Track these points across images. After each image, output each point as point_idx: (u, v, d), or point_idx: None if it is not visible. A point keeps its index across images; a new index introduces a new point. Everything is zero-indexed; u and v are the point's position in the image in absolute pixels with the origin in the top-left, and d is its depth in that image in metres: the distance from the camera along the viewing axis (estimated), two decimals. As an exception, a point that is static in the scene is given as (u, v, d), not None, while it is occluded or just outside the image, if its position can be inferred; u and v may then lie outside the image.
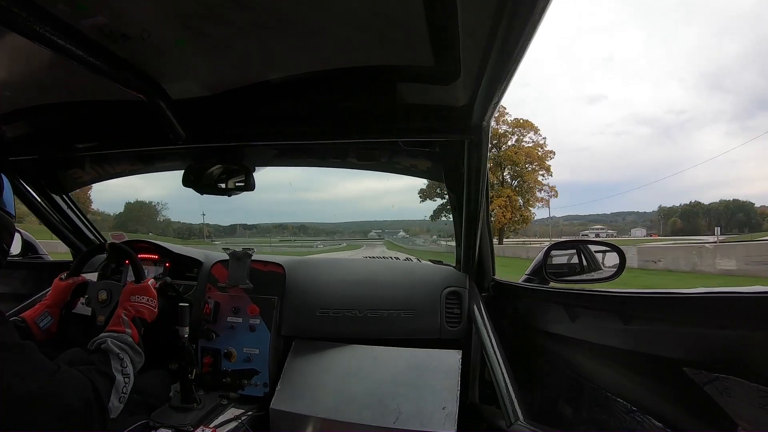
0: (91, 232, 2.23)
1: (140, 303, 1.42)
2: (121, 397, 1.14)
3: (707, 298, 0.95)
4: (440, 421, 1.45)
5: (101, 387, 1.08)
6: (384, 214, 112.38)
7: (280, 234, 34.56)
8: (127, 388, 1.17)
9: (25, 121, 1.45)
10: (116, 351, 1.19)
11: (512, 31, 0.71)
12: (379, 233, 27.97)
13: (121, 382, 1.15)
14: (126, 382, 1.17)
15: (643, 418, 1.14)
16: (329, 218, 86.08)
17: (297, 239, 31.87)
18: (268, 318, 1.81)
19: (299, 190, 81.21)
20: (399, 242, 31.51)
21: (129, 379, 1.18)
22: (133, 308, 1.39)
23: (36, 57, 1.03)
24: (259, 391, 1.73)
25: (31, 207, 1.97)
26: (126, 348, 1.23)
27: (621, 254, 1.80)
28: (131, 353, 1.23)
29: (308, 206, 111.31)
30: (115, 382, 1.13)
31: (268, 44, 0.96)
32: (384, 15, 0.82)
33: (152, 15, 0.84)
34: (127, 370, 1.18)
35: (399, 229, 35.44)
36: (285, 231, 42.22)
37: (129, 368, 1.19)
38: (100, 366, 1.14)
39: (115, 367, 1.16)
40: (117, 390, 1.13)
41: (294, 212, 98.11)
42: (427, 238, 46.08)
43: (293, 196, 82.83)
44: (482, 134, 1.19)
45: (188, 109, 1.24)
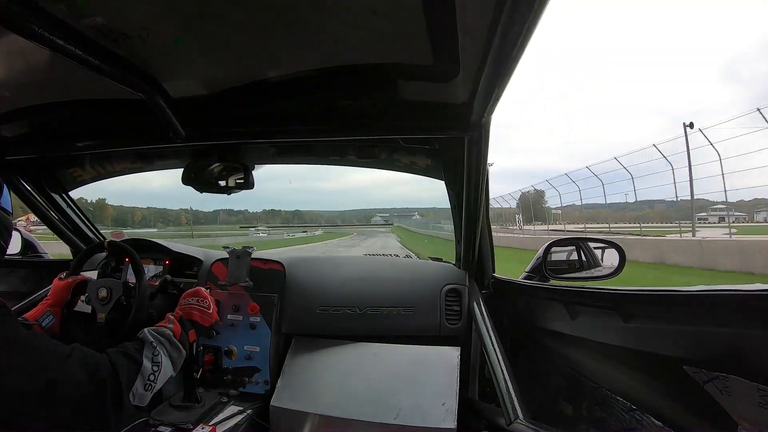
0: (90, 230, 2.23)
1: (189, 305, 1.44)
2: (147, 384, 1.13)
3: (707, 296, 0.94)
4: (440, 416, 1.45)
5: (123, 369, 1.07)
6: (392, 203, 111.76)
7: (271, 222, 33.97)
8: (156, 376, 1.15)
9: (24, 120, 1.44)
10: (150, 339, 1.20)
11: (511, 29, 0.70)
12: (386, 218, 27.09)
13: (149, 369, 1.14)
14: (155, 370, 1.16)
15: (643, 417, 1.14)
16: (336, 207, 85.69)
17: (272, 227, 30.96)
18: (268, 316, 1.81)
19: (309, 179, 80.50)
20: (415, 227, 30.37)
21: (159, 367, 1.17)
22: (182, 310, 1.42)
23: (35, 56, 1.03)
24: (259, 389, 1.73)
25: (31, 206, 1.97)
26: (162, 339, 1.23)
27: (621, 251, 1.80)
28: (167, 345, 1.24)
29: (317, 196, 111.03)
30: (142, 367, 1.13)
31: (267, 42, 0.95)
32: (383, 13, 0.82)
33: (151, 14, 0.84)
34: (158, 358, 1.18)
35: (413, 213, 34.53)
36: (277, 218, 41.87)
37: (161, 357, 1.19)
38: (131, 351, 1.15)
39: (145, 354, 1.16)
40: (143, 376, 1.12)
41: (300, 201, 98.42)
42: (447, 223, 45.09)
43: (302, 185, 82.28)
44: (482, 131, 1.18)
45: (188, 108, 1.24)
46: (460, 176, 1.44)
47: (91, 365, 1.02)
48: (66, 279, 1.59)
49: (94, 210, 18.33)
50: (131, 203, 42.84)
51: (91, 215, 2.24)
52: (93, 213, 2.15)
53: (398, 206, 72.15)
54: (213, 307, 1.49)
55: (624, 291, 1.20)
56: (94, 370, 1.01)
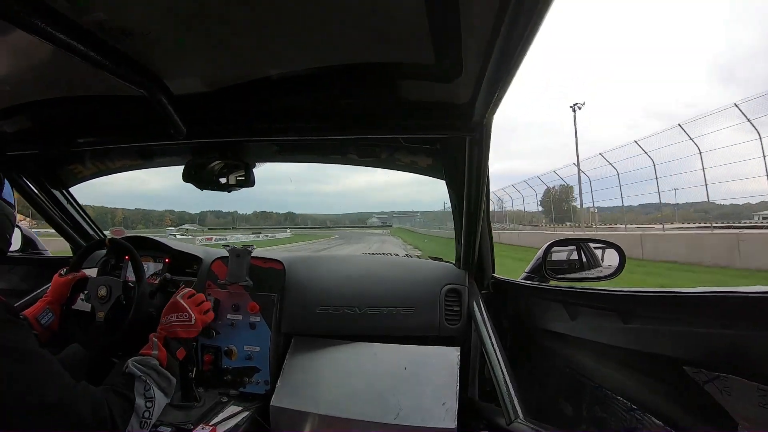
0: (91, 227, 2.23)
1: (171, 323, 1.37)
2: (142, 421, 1.09)
3: (707, 297, 0.95)
4: (440, 416, 1.45)
5: (115, 408, 1.04)
6: (393, 206, 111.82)
7: (261, 223, 33.34)
8: (151, 412, 1.12)
9: (25, 116, 1.44)
10: (138, 374, 1.15)
11: (515, 29, 0.70)
12: (384, 219, 26.19)
13: (142, 406, 1.10)
14: (149, 407, 1.11)
15: (643, 417, 1.14)
16: (336, 210, 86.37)
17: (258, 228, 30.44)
18: (268, 315, 1.81)
19: (308, 182, 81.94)
20: (419, 227, 29.43)
21: (153, 402, 1.13)
22: (164, 329, 1.35)
23: (36, 52, 1.03)
24: (260, 389, 1.73)
25: (32, 202, 1.97)
26: (149, 371, 1.18)
27: (621, 252, 1.80)
28: (155, 376, 1.18)
29: (316, 198, 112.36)
30: (135, 405, 1.09)
31: (268, 41, 0.95)
32: (384, 12, 0.82)
33: (153, 10, 0.84)
34: (150, 393, 1.13)
35: (415, 214, 34.12)
36: (268, 220, 41.34)
37: (152, 391, 1.14)
38: (121, 388, 1.11)
39: (137, 389, 1.12)
40: (137, 414, 1.08)
41: (297, 204, 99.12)
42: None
43: (301, 188, 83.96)
44: (483, 131, 1.18)
45: (189, 105, 1.24)
46: (461, 176, 1.44)
47: (96, 401, 1.00)
48: (66, 276, 1.59)
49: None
50: (115, 204, 42.27)
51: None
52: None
53: (399, 209, 74.16)
54: (195, 315, 1.41)
55: (624, 292, 1.20)
56: (98, 407, 0.99)
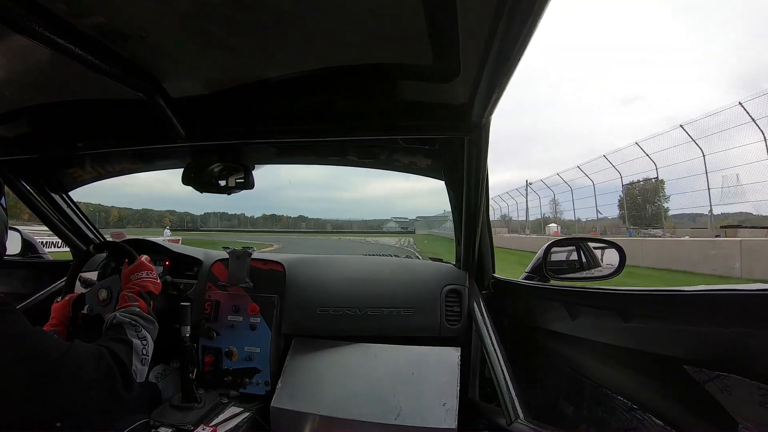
0: (90, 231, 2.23)
1: (141, 279, 1.44)
2: (142, 359, 1.18)
3: (708, 296, 0.94)
4: (440, 417, 1.45)
5: (121, 352, 1.12)
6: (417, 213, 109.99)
7: (269, 227, 33.13)
8: (147, 350, 1.21)
9: (23, 120, 1.44)
10: (127, 320, 1.23)
11: (512, 29, 0.70)
12: (405, 224, 25.15)
13: (140, 345, 1.19)
14: (144, 345, 1.21)
15: (643, 417, 1.14)
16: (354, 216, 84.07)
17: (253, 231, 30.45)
18: (268, 316, 1.81)
19: (328, 189, 78.79)
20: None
21: (146, 342, 1.22)
22: (136, 285, 1.41)
23: (35, 56, 1.03)
24: (260, 390, 1.73)
25: (31, 206, 1.97)
26: (136, 317, 1.26)
27: (621, 252, 1.80)
28: (142, 321, 1.27)
29: (335, 205, 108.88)
30: (134, 346, 1.18)
31: (267, 43, 0.95)
32: (382, 13, 0.82)
33: (151, 14, 0.84)
34: (142, 333, 1.22)
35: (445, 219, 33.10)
36: (278, 224, 41.35)
37: (144, 332, 1.23)
38: (116, 335, 1.18)
39: (130, 333, 1.20)
40: (137, 353, 1.17)
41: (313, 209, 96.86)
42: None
43: (319, 194, 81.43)
44: (482, 132, 1.18)
45: (188, 108, 1.24)
46: (460, 177, 1.44)
47: (95, 355, 1.05)
48: (63, 300, 1.58)
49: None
50: (116, 203, 41.76)
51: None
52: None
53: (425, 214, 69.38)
54: (155, 275, 1.52)
55: (624, 291, 1.20)
56: (98, 359, 1.05)
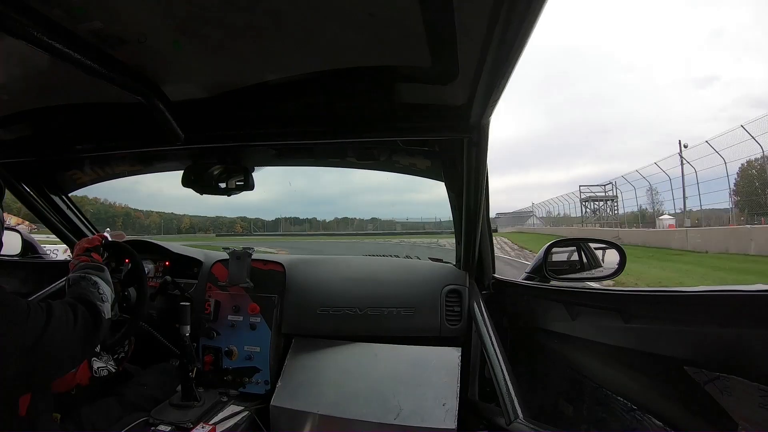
0: (90, 232, 2.23)
1: (76, 247, 1.52)
2: (101, 297, 1.28)
3: (708, 297, 0.94)
4: (440, 417, 1.46)
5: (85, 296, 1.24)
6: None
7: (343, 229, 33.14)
8: (103, 290, 1.31)
9: (23, 124, 1.45)
10: (78, 275, 1.33)
11: (509, 30, 0.70)
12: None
13: (93, 291, 1.29)
14: (97, 288, 1.30)
15: (643, 417, 1.14)
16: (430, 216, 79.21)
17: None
18: (268, 316, 1.81)
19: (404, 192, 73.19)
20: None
21: (98, 285, 1.32)
22: (75, 252, 1.50)
23: (34, 60, 1.03)
24: (260, 389, 1.74)
25: (31, 208, 1.97)
26: (84, 269, 1.36)
27: (621, 252, 1.80)
28: (90, 270, 1.36)
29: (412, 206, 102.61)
30: (89, 292, 1.27)
31: (265, 45, 0.95)
32: (380, 16, 0.82)
33: (148, 18, 0.84)
34: (93, 279, 1.32)
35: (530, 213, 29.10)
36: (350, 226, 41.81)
37: (94, 278, 1.33)
38: (74, 289, 1.29)
39: (84, 284, 1.30)
40: (95, 296, 1.27)
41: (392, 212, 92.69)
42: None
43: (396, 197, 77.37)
44: (481, 133, 1.18)
45: (187, 111, 1.24)
46: (460, 178, 1.44)
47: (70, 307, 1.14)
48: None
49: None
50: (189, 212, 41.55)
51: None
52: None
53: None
54: (93, 236, 1.60)
55: (624, 291, 1.20)
56: (75, 310, 1.14)
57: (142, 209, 39.58)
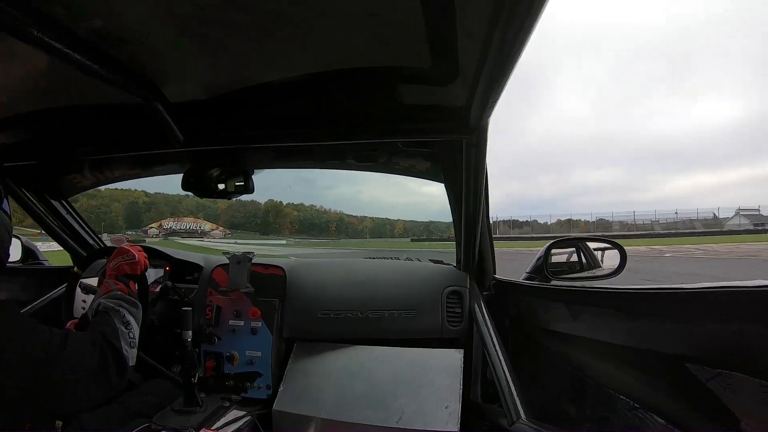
0: (90, 236, 2.23)
1: (118, 264, 1.43)
2: (130, 342, 1.20)
3: (709, 293, 0.94)
4: (443, 419, 1.45)
5: (112, 337, 1.14)
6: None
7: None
8: (133, 333, 1.23)
9: (22, 127, 1.45)
10: (111, 305, 1.24)
11: (509, 31, 0.70)
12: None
13: (125, 331, 1.20)
14: (129, 329, 1.22)
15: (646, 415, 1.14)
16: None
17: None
18: (269, 321, 1.81)
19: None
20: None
21: (131, 326, 1.23)
22: (114, 270, 1.40)
23: (33, 61, 1.03)
24: (261, 394, 1.73)
25: (31, 213, 1.97)
26: (119, 301, 1.27)
27: (622, 251, 1.80)
28: (125, 304, 1.28)
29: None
30: (120, 332, 1.19)
31: (265, 46, 0.96)
32: (381, 16, 0.82)
33: (149, 18, 0.84)
34: (126, 318, 1.24)
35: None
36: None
37: (128, 317, 1.25)
38: (103, 322, 1.19)
39: (115, 318, 1.22)
40: (124, 338, 1.18)
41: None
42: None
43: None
44: (481, 134, 1.19)
45: (186, 113, 1.24)
46: (460, 179, 1.44)
47: (89, 342, 1.08)
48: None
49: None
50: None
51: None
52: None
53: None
54: (138, 255, 1.48)
55: (625, 290, 1.20)
56: (93, 346, 1.07)
57: (356, 215, 38.94)
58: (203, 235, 48.26)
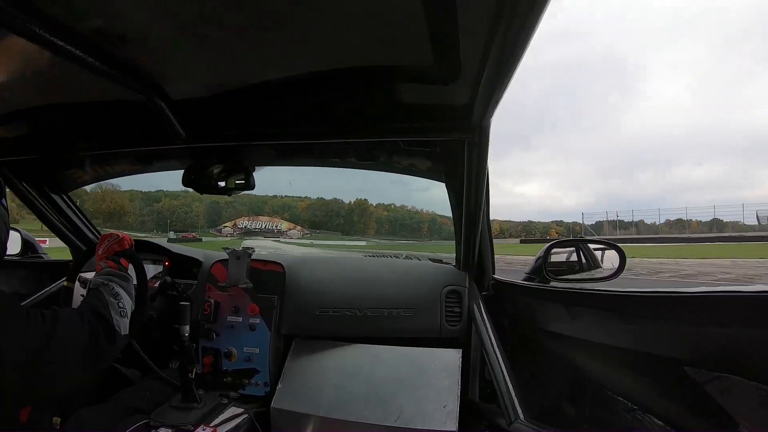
0: (90, 231, 2.24)
1: (106, 246, 1.46)
2: (120, 311, 1.23)
3: (707, 297, 0.95)
4: (441, 419, 1.45)
5: (100, 308, 1.18)
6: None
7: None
8: (123, 303, 1.25)
9: (24, 122, 1.45)
10: (101, 280, 1.29)
11: (512, 30, 0.70)
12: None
13: (114, 302, 1.23)
14: (118, 300, 1.25)
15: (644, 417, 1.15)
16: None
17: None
18: (268, 317, 1.81)
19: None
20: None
21: (120, 297, 1.26)
22: (104, 253, 1.43)
23: (35, 58, 1.03)
24: (259, 391, 1.73)
25: (31, 207, 1.97)
26: (110, 276, 1.31)
27: (621, 253, 1.80)
28: (115, 278, 1.31)
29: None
30: (109, 303, 1.22)
31: (266, 44, 0.96)
32: (382, 15, 0.82)
33: (150, 17, 0.84)
34: (115, 290, 1.27)
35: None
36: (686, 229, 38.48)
37: (117, 289, 1.28)
38: (92, 297, 1.23)
39: (105, 292, 1.25)
40: (113, 307, 1.21)
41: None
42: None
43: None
44: (482, 134, 1.19)
45: (188, 109, 1.24)
46: (461, 178, 1.44)
47: (77, 316, 1.10)
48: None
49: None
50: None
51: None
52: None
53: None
54: (122, 234, 1.52)
55: (624, 292, 1.20)
56: (81, 319, 1.10)
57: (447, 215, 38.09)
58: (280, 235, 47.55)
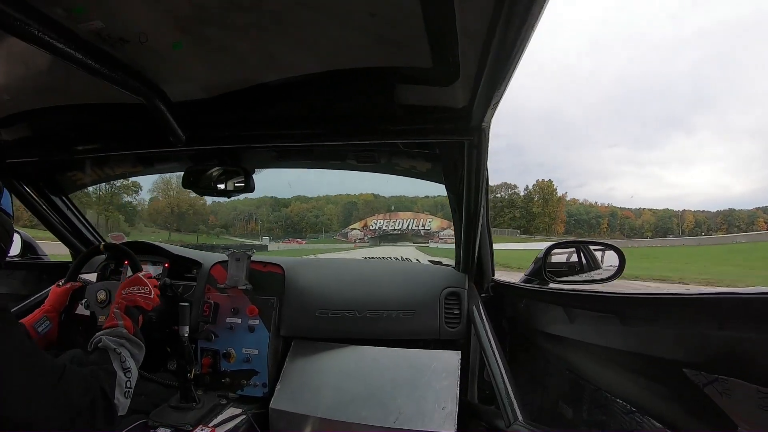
0: (90, 233, 2.24)
1: (131, 293, 1.39)
2: (126, 392, 1.13)
3: (706, 299, 0.95)
4: (440, 420, 1.45)
5: (105, 385, 1.07)
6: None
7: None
8: (131, 382, 1.15)
9: (24, 124, 1.45)
10: (113, 346, 1.17)
11: (510, 32, 0.71)
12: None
13: (123, 378, 1.13)
14: (128, 377, 1.15)
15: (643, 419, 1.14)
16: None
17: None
18: (267, 318, 1.81)
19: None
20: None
21: (130, 373, 1.16)
22: (125, 299, 1.36)
23: (35, 60, 1.04)
24: (258, 392, 1.73)
25: (31, 209, 1.98)
26: (122, 341, 1.21)
27: (620, 254, 1.80)
28: (128, 345, 1.21)
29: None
30: (117, 378, 1.12)
31: (266, 46, 0.96)
32: (382, 16, 0.82)
33: (149, 19, 0.85)
34: (126, 364, 1.16)
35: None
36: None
37: (129, 362, 1.17)
38: (101, 364, 1.13)
39: (115, 362, 1.14)
40: (120, 386, 1.11)
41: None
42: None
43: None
44: (482, 135, 1.19)
45: (188, 112, 1.24)
46: (460, 180, 1.44)
47: (83, 384, 1.02)
48: (64, 285, 1.59)
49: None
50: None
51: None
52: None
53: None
54: (153, 290, 1.45)
55: (623, 294, 1.20)
56: (86, 389, 1.01)
57: (631, 208, 31.26)
58: (429, 238, 40.05)
